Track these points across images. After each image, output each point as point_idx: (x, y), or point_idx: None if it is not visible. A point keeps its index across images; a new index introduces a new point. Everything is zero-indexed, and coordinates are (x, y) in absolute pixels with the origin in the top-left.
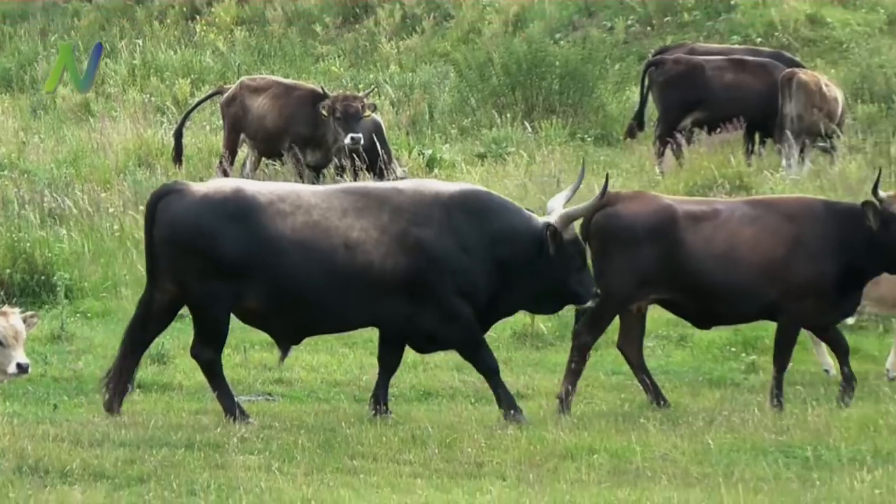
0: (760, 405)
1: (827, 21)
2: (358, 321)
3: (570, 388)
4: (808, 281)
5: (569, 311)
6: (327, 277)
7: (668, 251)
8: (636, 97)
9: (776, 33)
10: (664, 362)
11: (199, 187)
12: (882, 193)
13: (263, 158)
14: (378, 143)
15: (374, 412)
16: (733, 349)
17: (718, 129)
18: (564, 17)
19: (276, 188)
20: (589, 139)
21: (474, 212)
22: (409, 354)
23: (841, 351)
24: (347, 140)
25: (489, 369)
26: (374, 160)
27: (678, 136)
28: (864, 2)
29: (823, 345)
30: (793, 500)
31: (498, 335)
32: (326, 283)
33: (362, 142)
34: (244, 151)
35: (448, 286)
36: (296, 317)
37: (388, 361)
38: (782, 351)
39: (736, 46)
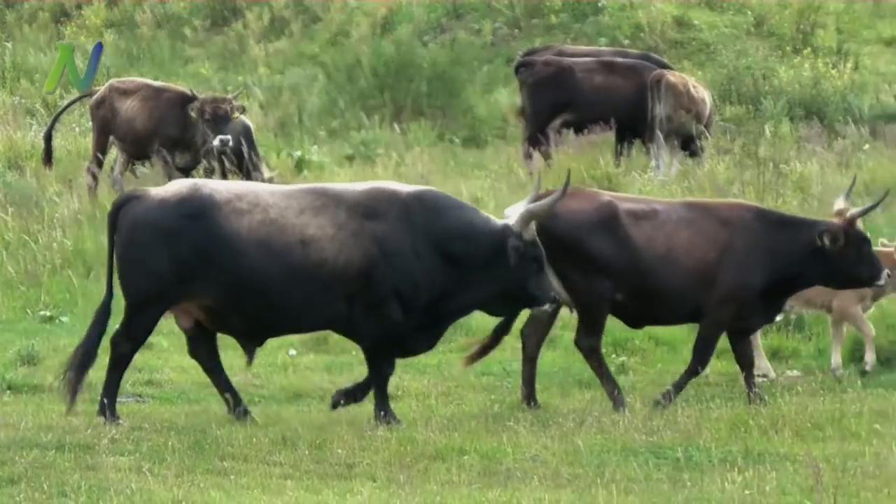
0: (631, 406)
1: (694, 23)
2: (313, 321)
3: (614, 389)
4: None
5: None
6: (284, 275)
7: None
8: (504, 99)
9: (643, 35)
10: None
11: (158, 191)
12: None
13: (132, 161)
14: (246, 145)
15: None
16: (603, 350)
17: (586, 130)
18: (432, 20)
19: (233, 187)
20: (457, 141)
21: (431, 210)
22: (279, 356)
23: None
24: (216, 142)
25: (382, 375)
26: (242, 162)
27: (547, 136)
28: (730, 4)
29: (761, 349)
30: (664, 500)
31: None
32: (283, 280)
33: (231, 143)
34: (113, 154)
35: (391, 282)
36: (254, 316)
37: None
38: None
39: (604, 48)
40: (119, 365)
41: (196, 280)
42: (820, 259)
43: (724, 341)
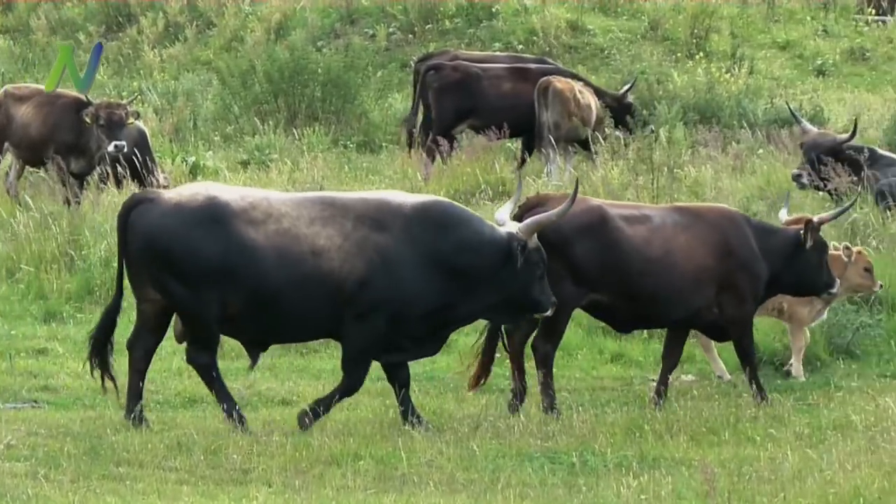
0: (526, 410)
1: (588, 28)
2: (318, 328)
3: (550, 400)
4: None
5: None
6: (297, 283)
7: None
8: (398, 104)
9: (538, 40)
10: (429, 368)
11: (172, 195)
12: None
13: (27, 167)
14: (141, 151)
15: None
16: (498, 355)
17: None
18: (326, 25)
19: (245, 194)
20: (351, 146)
21: (437, 223)
22: (174, 361)
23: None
24: (111, 147)
25: (351, 387)
26: (136, 168)
27: (449, 140)
28: (625, 9)
29: (716, 352)
30: None
31: None
32: (295, 289)
33: (125, 149)
34: (8, 160)
35: (384, 293)
36: (265, 323)
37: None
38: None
39: (498, 53)
40: (210, 376)
41: (222, 285)
42: (791, 265)
43: (626, 346)
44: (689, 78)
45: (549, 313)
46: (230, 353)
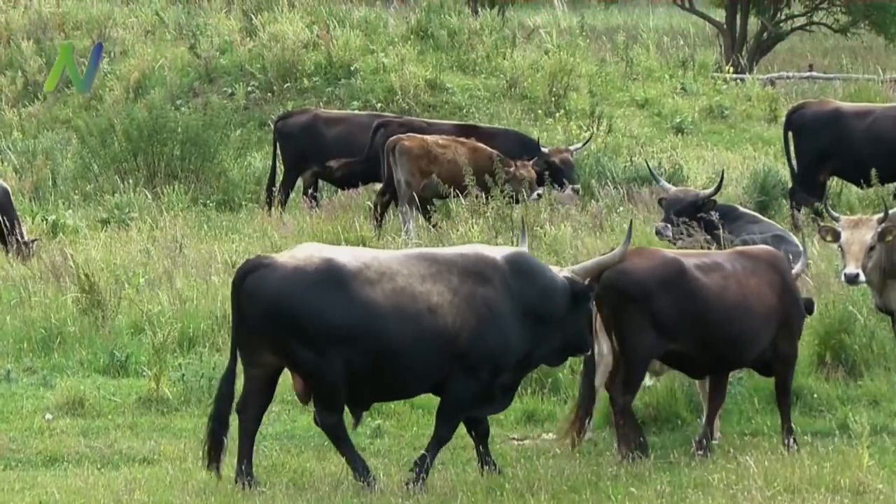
0: (386, 469)
1: (447, 86)
2: (427, 384)
3: (631, 447)
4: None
5: None
6: (416, 341)
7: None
8: (257, 163)
9: (397, 98)
10: (290, 427)
11: (287, 259)
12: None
13: None
14: (3, 209)
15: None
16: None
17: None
18: (185, 84)
19: (358, 254)
20: (211, 204)
21: (525, 274)
22: (35, 420)
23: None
24: None
25: (446, 438)
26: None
27: (304, 198)
28: (483, 67)
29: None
30: None
31: (123, 400)
32: (415, 346)
33: None
34: None
35: (493, 345)
36: (382, 382)
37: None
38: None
39: (358, 112)
40: (338, 437)
41: (334, 349)
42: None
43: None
44: (548, 136)
45: (588, 353)
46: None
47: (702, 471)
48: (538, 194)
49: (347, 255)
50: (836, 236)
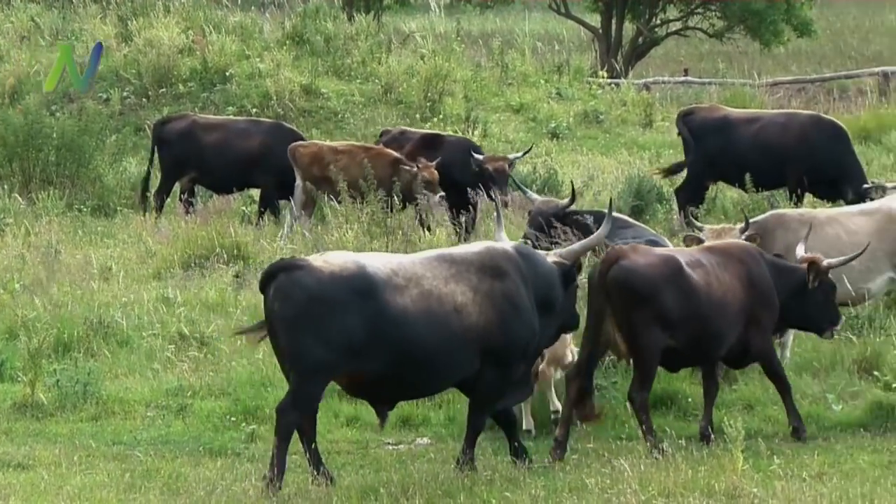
0: (260, 474)
1: (322, 91)
2: (453, 382)
3: (654, 440)
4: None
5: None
6: (444, 342)
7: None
8: (133, 168)
9: (272, 104)
10: (164, 432)
11: (321, 264)
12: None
13: None
14: None
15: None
16: (233, 419)
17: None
18: (60, 89)
19: (385, 260)
20: (86, 210)
21: (531, 263)
22: None
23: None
24: None
25: (480, 428)
26: None
27: (180, 204)
28: (358, 72)
29: (553, 389)
30: None
31: None
32: (443, 348)
33: None
34: None
35: (521, 336)
36: (409, 383)
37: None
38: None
39: (235, 118)
40: (287, 435)
41: (366, 352)
42: (798, 301)
43: (352, 409)
44: None
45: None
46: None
47: (577, 475)
48: (440, 197)
49: (375, 262)
50: (699, 245)
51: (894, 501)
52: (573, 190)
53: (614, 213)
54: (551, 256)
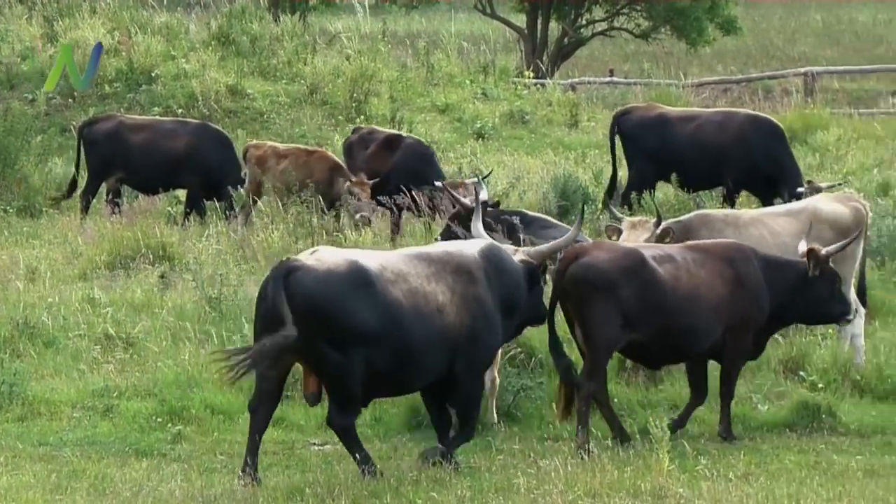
0: (187, 475)
1: (248, 92)
2: (428, 382)
3: (620, 431)
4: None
5: None
6: (429, 339)
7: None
8: (58, 168)
9: (198, 104)
10: (91, 433)
11: (314, 262)
12: None
13: None
14: None
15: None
16: (159, 419)
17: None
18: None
19: (374, 256)
20: (11, 211)
21: (498, 264)
22: None
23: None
24: None
25: (471, 434)
26: None
27: (106, 204)
28: (283, 73)
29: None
30: None
31: None
32: (428, 345)
33: None
34: None
35: (490, 339)
36: (397, 380)
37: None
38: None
39: (162, 118)
40: (355, 439)
41: (371, 347)
42: (802, 296)
43: (287, 411)
44: None
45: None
46: None
47: (503, 475)
48: (361, 216)
49: (364, 258)
50: (619, 235)
51: (820, 501)
52: (477, 193)
53: (537, 214)
54: (519, 255)
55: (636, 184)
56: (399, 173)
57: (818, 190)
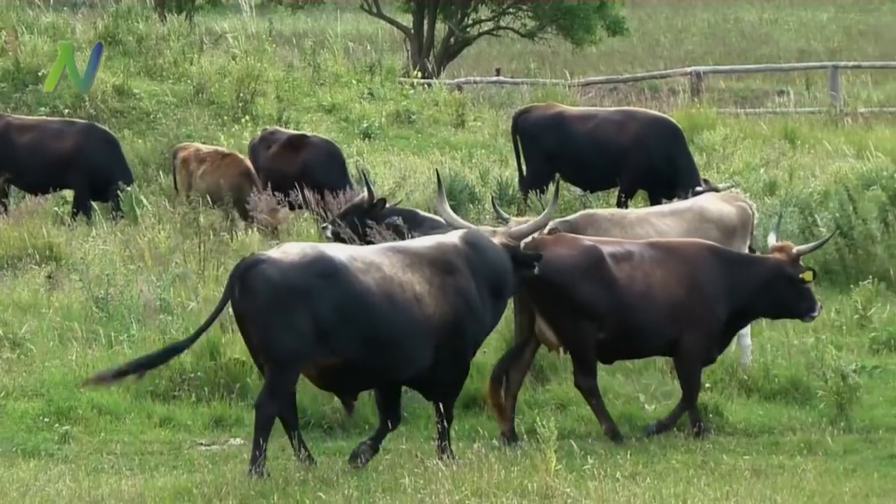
0: (74, 475)
1: (134, 92)
2: (410, 373)
3: (612, 426)
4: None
5: None
6: (405, 329)
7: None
8: None
9: (85, 104)
10: None
11: (279, 255)
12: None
13: None
14: None
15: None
16: (46, 420)
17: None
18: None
19: (343, 247)
20: None
21: (481, 252)
22: None
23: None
24: None
25: (451, 414)
26: None
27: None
28: (170, 73)
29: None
30: None
31: None
32: (404, 334)
33: None
34: None
35: (473, 329)
36: (374, 370)
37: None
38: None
39: (50, 119)
40: (267, 426)
41: (334, 337)
42: (768, 292)
43: (174, 410)
44: (235, 141)
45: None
46: None
47: (391, 475)
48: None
49: (332, 249)
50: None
51: (707, 501)
52: (369, 187)
53: (425, 214)
54: (498, 237)
55: (533, 182)
56: (308, 172)
57: (716, 190)
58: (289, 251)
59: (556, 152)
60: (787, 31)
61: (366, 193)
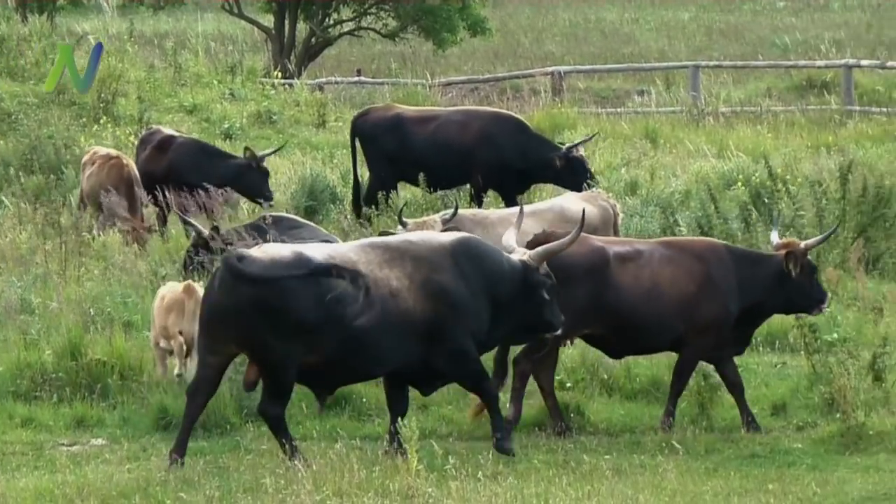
0: None
1: None
2: (391, 367)
3: (517, 411)
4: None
5: None
6: (381, 325)
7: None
8: None
9: None
10: None
11: (258, 254)
12: None
13: None
14: None
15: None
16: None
17: None
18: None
19: (319, 248)
20: None
21: (475, 257)
22: None
23: (737, 390)
24: None
25: (492, 396)
26: None
27: None
28: (32, 74)
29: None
30: None
31: None
32: (380, 331)
33: None
34: None
35: (462, 326)
36: (350, 367)
37: (399, 405)
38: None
39: None
40: (280, 427)
41: (316, 335)
42: (780, 289)
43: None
44: (95, 141)
45: (559, 332)
46: None
47: (252, 475)
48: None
49: (311, 249)
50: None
51: (569, 500)
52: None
53: (286, 214)
54: (518, 255)
55: (376, 186)
56: (174, 173)
57: (577, 148)
58: (268, 251)
59: (398, 155)
60: (649, 30)
61: (202, 230)
